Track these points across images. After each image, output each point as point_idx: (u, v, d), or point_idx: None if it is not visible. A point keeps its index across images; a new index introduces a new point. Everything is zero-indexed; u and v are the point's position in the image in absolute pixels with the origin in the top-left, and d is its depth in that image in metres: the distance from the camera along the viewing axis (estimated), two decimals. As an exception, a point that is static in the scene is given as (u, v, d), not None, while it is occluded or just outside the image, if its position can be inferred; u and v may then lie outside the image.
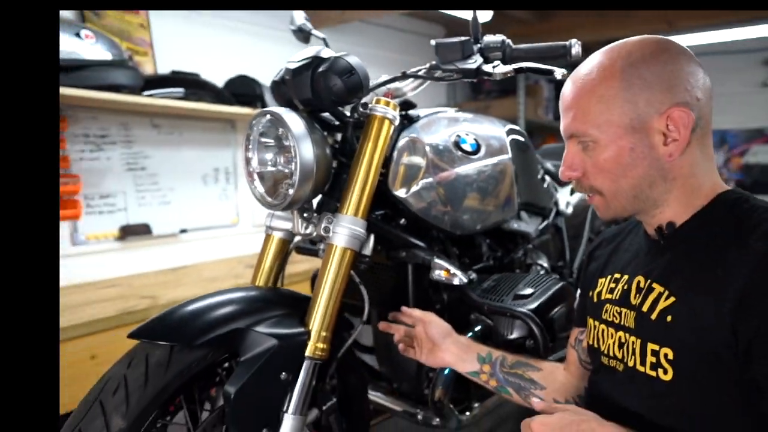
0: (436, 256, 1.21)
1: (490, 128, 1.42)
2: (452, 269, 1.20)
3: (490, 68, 1.07)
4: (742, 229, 0.76)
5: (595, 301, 0.95)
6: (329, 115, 1.14)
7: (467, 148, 1.29)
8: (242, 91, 2.50)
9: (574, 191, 1.81)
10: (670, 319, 0.77)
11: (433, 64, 1.13)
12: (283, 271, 1.18)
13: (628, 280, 0.88)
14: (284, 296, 1.06)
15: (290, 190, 1.04)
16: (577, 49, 1.03)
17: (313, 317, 0.99)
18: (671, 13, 3.45)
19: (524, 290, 1.23)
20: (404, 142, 1.20)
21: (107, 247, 2.26)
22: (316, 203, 1.15)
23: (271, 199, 1.09)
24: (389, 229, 1.23)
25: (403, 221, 1.25)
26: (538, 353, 1.16)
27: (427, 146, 1.22)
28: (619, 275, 0.91)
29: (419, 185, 1.20)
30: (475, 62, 1.07)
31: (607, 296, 0.92)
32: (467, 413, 1.30)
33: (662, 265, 0.83)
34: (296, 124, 1.03)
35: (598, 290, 0.95)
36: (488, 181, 1.32)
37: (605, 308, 0.91)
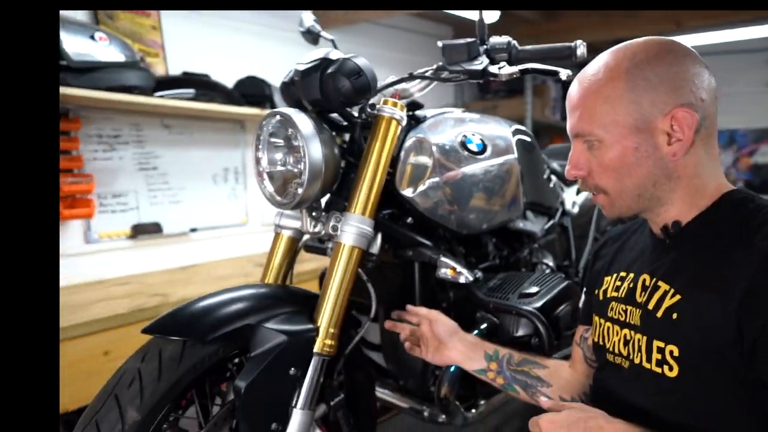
0: (442, 254, 1.22)
1: (496, 128, 1.43)
2: (458, 268, 1.21)
3: (496, 69, 1.07)
4: (747, 228, 0.76)
5: (600, 299, 0.96)
6: (338, 115, 1.15)
7: (473, 148, 1.30)
8: (251, 91, 2.52)
9: (580, 191, 1.82)
10: (675, 316, 0.78)
11: (439, 65, 1.14)
12: (292, 269, 1.20)
13: (633, 278, 0.89)
14: (293, 293, 1.07)
15: (299, 189, 1.05)
16: (582, 50, 1.04)
17: (321, 314, 1.01)
18: (678, 12, 3.43)
19: (530, 289, 1.23)
20: (411, 142, 1.21)
21: (119, 245, 2.29)
22: (324, 202, 1.16)
23: (280, 198, 1.11)
24: (396, 228, 1.24)
25: (410, 220, 1.26)
26: (543, 351, 1.17)
27: (433, 146, 1.23)
28: (624, 273, 0.92)
29: (426, 185, 1.21)
30: (481, 63, 1.07)
31: (612, 294, 0.92)
32: (473, 410, 1.30)
33: (668, 263, 0.84)
34: (305, 124, 1.05)
35: (603, 288, 0.96)
36: (494, 180, 1.33)
37: (611, 306, 0.92)
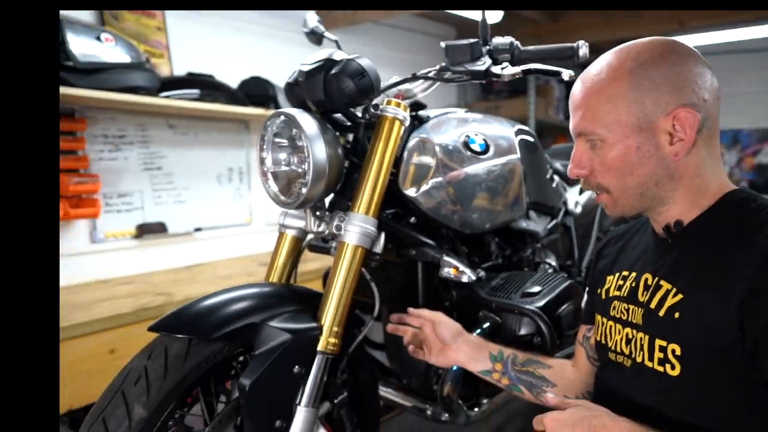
0: (445, 254, 1.23)
1: (499, 128, 1.43)
2: (461, 267, 1.21)
3: (498, 70, 1.08)
4: (749, 227, 0.77)
5: (603, 298, 0.96)
6: (341, 116, 1.16)
7: (476, 148, 1.31)
8: (256, 92, 2.53)
9: (583, 191, 1.82)
10: (677, 316, 0.79)
11: (442, 65, 1.14)
12: (296, 268, 1.20)
13: (636, 277, 0.89)
14: (297, 292, 1.08)
15: (303, 189, 1.06)
16: (584, 50, 1.04)
17: (325, 313, 1.01)
18: (682, 12, 3.42)
19: (532, 288, 1.24)
20: (414, 142, 1.22)
21: (124, 245, 2.30)
22: (328, 202, 1.17)
23: (284, 197, 1.11)
24: (400, 227, 1.24)
25: (413, 220, 1.26)
26: (545, 350, 1.17)
27: (436, 146, 1.24)
28: (627, 273, 0.92)
29: (429, 185, 1.22)
30: (484, 64, 1.08)
31: (615, 293, 0.93)
32: (476, 409, 1.31)
33: (670, 262, 0.84)
34: (309, 124, 1.05)
35: (606, 287, 0.96)
36: (497, 180, 1.34)
37: (613, 305, 0.92)
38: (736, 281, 0.73)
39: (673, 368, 0.78)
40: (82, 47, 1.83)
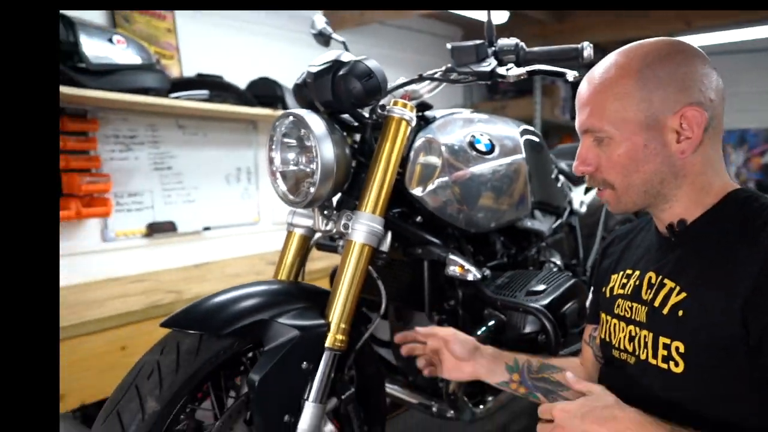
0: (451, 252, 1.24)
1: (504, 129, 1.44)
2: (467, 265, 1.22)
3: (503, 71, 1.08)
4: (752, 226, 0.77)
5: (607, 296, 0.97)
6: (349, 116, 1.17)
7: (482, 148, 1.32)
8: (264, 92, 2.54)
9: (588, 190, 1.83)
10: (681, 313, 0.79)
11: (448, 66, 1.15)
12: (303, 266, 1.22)
13: (639, 276, 0.90)
14: (305, 290, 1.09)
15: (311, 188, 1.07)
16: (588, 51, 1.05)
17: (332, 310, 1.03)
18: (688, 12, 3.41)
19: (537, 287, 1.25)
20: (421, 142, 1.23)
21: (135, 243, 2.32)
22: (335, 201, 1.18)
23: (293, 197, 1.13)
24: (406, 226, 1.26)
25: (419, 219, 1.28)
26: (550, 348, 1.18)
27: (442, 146, 1.25)
28: (630, 271, 0.93)
29: (435, 184, 1.23)
30: (489, 65, 1.08)
31: (619, 291, 0.94)
32: (481, 406, 1.32)
33: (673, 261, 0.85)
34: (317, 125, 1.07)
35: (610, 286, 0.97)
36: (502, 180, 1.35)
37: (617, 303, 0.93)
38: (739, 279, 0.74)
39: (677, 365, 0.79)
40: (94, 49, 1.86)
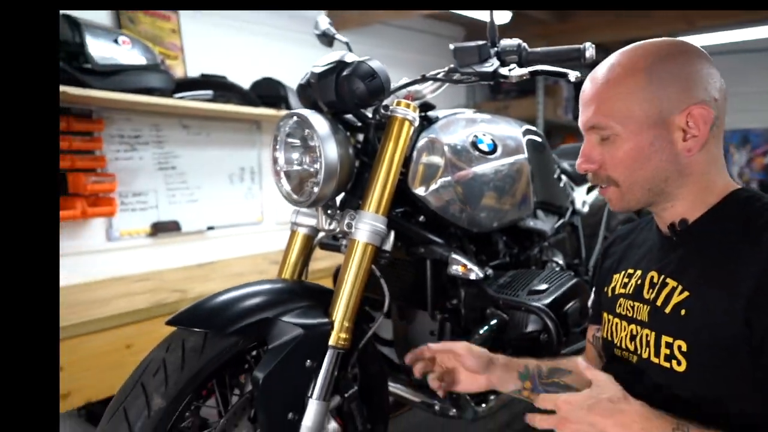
0: (453, 252, 1.25)
1: (506, 129, 1.45)
2: (469, 265, 1.23)
3: (506, 71, 1.09)
4: (755, 226, 0.78)
5: (609, 296, 0.98)
6: (352, 116, 1.18)
7: (484, 148, 1.33)
8: (267, 92, 2.55)
9: (590, 190, 1.83)
10: (684, 312, 0.80)
11: (451, 67, 1.16)
12: (307, 265, 1.23)
13: (641, 275, 0.90)
14: (309, 289, 1.10)
15: (315, 188, 1.08)
16: (591, 52, 1.05)
17: (336, 308, 1.03)
18: (691, 12, 3.40)
19: (539, 286, 1.25)
20: (423, 142, 1.24)
21: (139, 243, 2.34)
22: (339, 201, 1.19)
23: (296, 196, 1.14)
24: (409, 226, 1.27)
25: (422, 218, 1.28)
26: (551, 347, 1.19)
27: (445, 146, 1.26)
28: (632, 270, 0.94)
29: (438, 184, 1.24)
30: (491, 65, 1.09)
31: (620, 291, 0.94)
32: (483, 405, 1.32)
33: (675, 260, 0.85)
34: (321, 125, 1.08)
35: (612, 285, 0.97)
36: (505, 180, 1.35)
37: (619, 302, 0.93)
38: (742, 279, 0.74)
39: (679, 364, 0.79)
40: (100, 50, 1.87)
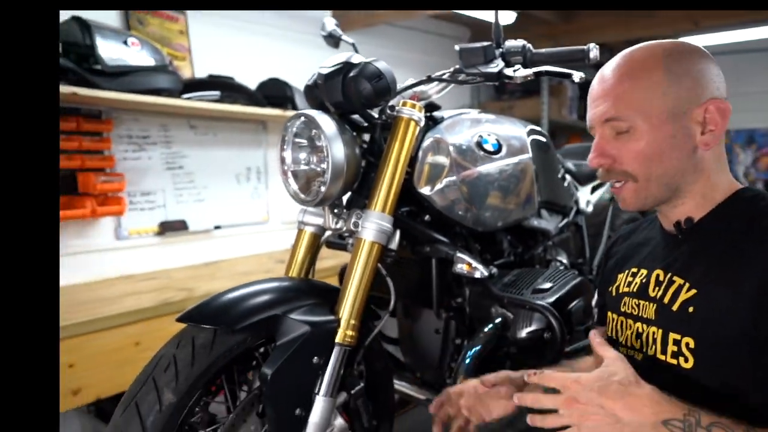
0: (458, 251, 1.25)
1: (511, 129, 1.46)
2: (474, 263, 1.24)
3: (511, 72, 1.10)
4: (759, 225, 0.79)
5: (614, 295, 0.98)
6: (359, 117, 1.19)
7: (489, 148, 1.34)
8: (274, 93, 2.56)
9: (594, 190, 1.84)
10: (692, 310, 0.80)
11: (456, 68, 1.16)
12: (314, 264, 1.24)
13: (646, 274, 0.91)
14: (316, 287, 1.12)
15: (322, 187, 1.10)
16: (595, 52, 1.06)
17: (342, 306, 1.05)
18: (696, 12, 3.39)
19: (543, 284, 1.26)
20: (429, 142, 1.25)
21: (147, 241, 2.35)
22: (345, 200, 1.20)
23: (304, 195, 1.15)
24: (414, 225, 1.28)
25: (427, 218, 1.29)
26: (555, 345, 1.20)
27: (450, 146, 1.27)
28: (636, 269, 0.94)
29: (443, 183, 1.25)
30: (496, 66, 1.10)
31: (624, 290, 0.95)
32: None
33: (681, 258, 0.86)
34: (328, 125, 1.09)
35: (616, 285, 0.98)
36: (509, 179, 1.36)
37: (623, 301, 0.94)
38: (746, 278, 0.75)
39: (686, 361, 0.80)
40: (110, 51, 1.89)
